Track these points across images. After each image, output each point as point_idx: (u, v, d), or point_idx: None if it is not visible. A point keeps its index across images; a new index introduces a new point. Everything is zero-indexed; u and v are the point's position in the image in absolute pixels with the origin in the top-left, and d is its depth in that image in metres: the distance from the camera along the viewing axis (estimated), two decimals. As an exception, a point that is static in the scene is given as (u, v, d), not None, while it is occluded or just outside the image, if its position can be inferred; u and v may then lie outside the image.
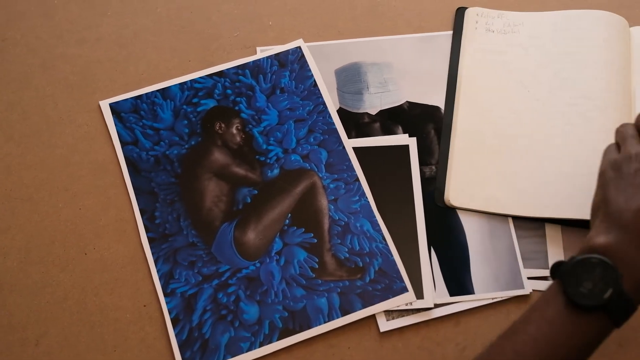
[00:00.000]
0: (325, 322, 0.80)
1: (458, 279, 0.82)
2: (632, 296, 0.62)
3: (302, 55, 0.95)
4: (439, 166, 0.88)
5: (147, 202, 0.86)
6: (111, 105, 0.92)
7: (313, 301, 0.81)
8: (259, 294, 0.81)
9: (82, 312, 0.81)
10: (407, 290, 0.81)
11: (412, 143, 0.89)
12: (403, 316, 0.80)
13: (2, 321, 0.80)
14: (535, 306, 0.66)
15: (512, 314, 0.80)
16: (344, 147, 0.89)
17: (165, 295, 0.81)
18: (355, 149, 0.89)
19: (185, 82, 0.93)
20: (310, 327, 0.79)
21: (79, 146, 0.90)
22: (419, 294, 0.81)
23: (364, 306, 0.80)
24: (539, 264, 0.83)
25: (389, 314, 0.80)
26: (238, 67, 0.94)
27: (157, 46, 0.97)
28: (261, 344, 0.79)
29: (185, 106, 0.92)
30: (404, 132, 0.90)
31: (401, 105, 0.92)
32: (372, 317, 0.80)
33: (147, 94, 0.93)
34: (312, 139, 0.90)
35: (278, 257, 0.83)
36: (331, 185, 0.87)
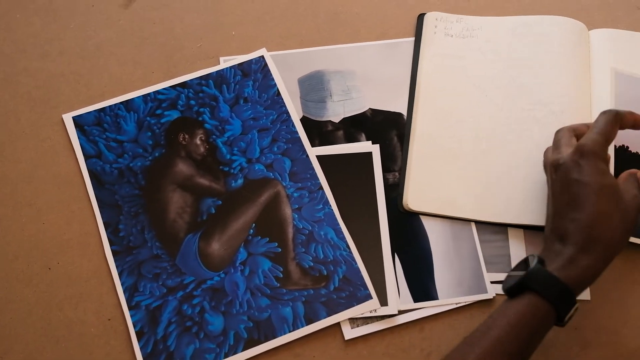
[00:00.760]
0: (290, 332, 0.80)
1: (422, 285, 0.82)
2: (558, 274, 0.67)
3: (265, 65, 0.95)
4: (401, 172, 0.88)
5: (111, 215, 0.86)
6: (74, 119, 0.92)
7: (278, 311, 0.81)
8: (223, 304, 0.81)
9: (47, 328, 0.81)
10: (372, 298, 0.81)
11: (375, 150, 0.90)
12: (368, 323, 0.81)
13: (-35, 339, 0.80)
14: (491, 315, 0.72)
15: (475, 318, 0.81)
16: (307, 156, 0.89)
17: (130, 308, 0.81)
18: (319, 157, 0.89)
19: (148, 94, 0.93)
20: (275, 337, 0.80)
21: (42, 160, 0.90)
22: (383, 301, 0.81)
23: (329, 314, 0.81)
24: (502, 268, 0.83)
25: (354, 321, 0.81)
26: (201, 77, 0.94)
27: (120, 58, 0.97)
28: (226, 355, 0.79)
29: (148, 118, 0.92)
30: (367, 140, 0.91)
31: (364, 112, 0.93)
32: (337, 325, 0.81)
33: (110, 106, 0.93)
34: (275, 148, 0.90)
35: (243, 267, 0.83)
36: (295, 194, 0.87)
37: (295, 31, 0.99)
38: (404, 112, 0.93)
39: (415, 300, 0.81)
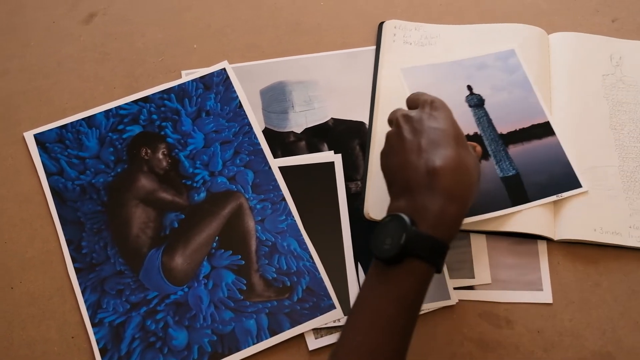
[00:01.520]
0: (254, 344, 0.80)
1: (385, 293, 0.82)
2: (433, 234, 0.65)
3: (227, 77, 0.95)
4: (362, 181, 0.88)
5: (73, 232, 0.86)
6: (36, 136, 0.92)
7: (242, 323, 0.81)
8: (187, 319, 0.81)
9: (10, 347, 0.80)
10: (335, 308, 0.81)
11: (337, 160, 0.90)
12: (331, 333, 0.81)
13: None
14: (363, 282, 0.71)
15: (439, 325, 0.81)
16: (270, 167, 0.89)
17: (93, 325, 0.81)
18: (282, 169, 0.89)
19: (110, 109, 0.93)
20: (239, 350, 0.80)
21: (3, 179, 0.90)
22: (347, 310, 0.81)
23: (292, 325, 0.81)
24: (464, 273, 0.84)
25: (318, 331, 0.81)
26: (163, 91, 0.95)
27: (81, 74, 0.97)
28: (190, 369, 0.79)
29: (110, 133, 0.92)
30: (330, 149, 0.91)
31: (326, 122, 0.93)
32: (301, 336, 0.81)
33: (72, 123, 0.92)
34: (238, 161, 0.90)
35: (206, 281, 0.83)
36: (258, 206, 0.87)
37: (256, 43, 0.99)
38: (366, 120, 0.93)
39: (379, 308, 0.81)
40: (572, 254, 0.85)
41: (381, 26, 1.00)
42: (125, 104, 0.94)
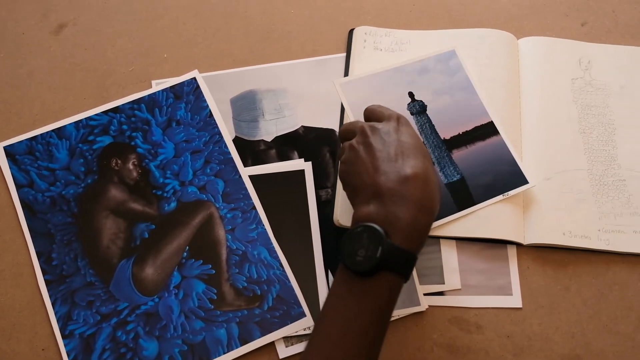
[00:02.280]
0: (224, 353, 0.80)
1: (355, 300, 0.82)
2: (405, 246, 0.65)
3: (198, 86, 0.96)
4: (333, 188, 0.89)
5: (43, 244, 0.86)
6: (5, 148, 0.91)
7: (212, 333, 0.81)
8: (158, 329, 0.81)
9: (-21, 361, 0.80)
10: (305, 315, 0.82)
11: (307, 167, 0.90)
12: (302, 341, 0.81)
13: None
14: (330, 290, 0.69)
15: (409, 330, 0.81)
16: (240, 176, 0.89)
17: (64, 337, 0.81)
18: (252, 177, 0.90)
19: (80, 120, 0.93)
20: (209, 359, 0.80)
21: (-27, 192, 0.89)
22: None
23: (263, 334, 0.81)
24: (434, 279, 0.84)
25: (288, 340, 0.81)
26: (133, 101, 0.95)
27: (51, 85, 0.97)
28: (160, 380, 0.79)
29: (80, 144, 0.92)
30: (300, 157, 0.91)
31: (297, 130, 0.93)
32: (272, 345, 0.81)
33: (42, 134, 0.92)
34: (208, 170, 0.90)
35: (177, 291, 0.83)
36: (228, 215, 0.87)
37: (227, 51, 0.99)
38: (337, 128, 0.93)
39: (349, 316, 0.82)
40: (541, 258, 0.85)
41: (351, 33, 1.00)
42: (96, 114, 0.94)
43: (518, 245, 0.86)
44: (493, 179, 0.87)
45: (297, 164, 0.90)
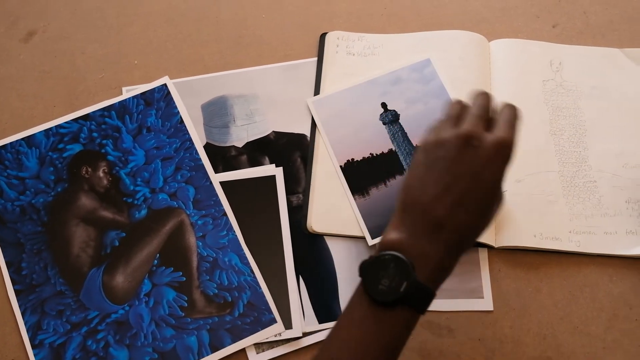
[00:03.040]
0: (195, 361, 0.80)
1: (327, 306, 0.83)
2: (428, 285, 0.62)
3: (168, 93, 0.95)
4: (304, 194, 0.89)
5: (13, 254, 0.85)
6: (-26, 158, 0.91)
7: (183, 340, 0.81)
8: (128, 337, 0.81)
9: (-52, 373, 0.80)
10: (276, 322, 0.81)
11: (278, 173, 0.90)
12: (273, 347, 0.81)
13: None
14: (345, 310, 0.65)
15: (380, 335, 0.81)
16: (211, 183, 0.89)
17: (34, 347, 0.81)
18: (223, 183, 0.89)
19: (50, 128, 0.93)
20: (180, 367, 0.79)
21: (-58, 202, 0.89)
22: (288, 324, 0.81)
23: (234, 341, 0.81)
24: (406, 283, 0.84)
25: (259, 346, 0.81)
26: (104, 109, 0.94)
27: (21, 93, 0.96)
28: (130, 389, 0.78)
29: (50, 153, 0.91)
30: (271, 163, 0.91)
31: (268, 135, 0.93)
32: (243, 351, 0.81)
33: (11, 143, 0.92)
34: (179, 177, 0.90)
35: (147, 299, 0.83)
36: (199, 222, 0.87)
37: (198, 57, 0.99)
38: (308, 133, 0.93)
39: (320, 321, 0.82)
40: (512, 261, 0.85)
41: (323, 37, 1.00)
42: (66, 122, 0.93)
43: (489, 248, 0.86)
44: (465, 183, 0.87)
45: (268, 169, 0.90)
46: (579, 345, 0.81)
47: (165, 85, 0.96)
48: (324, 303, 0.83)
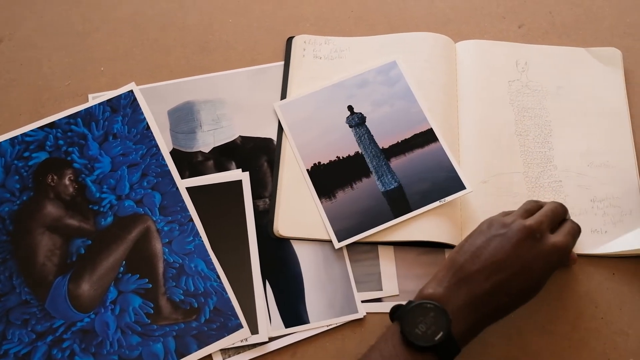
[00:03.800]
0: (161, 368, 0.80)
1: (293, 310, 0.83)
2: (458, 339, 0.68)
3: (135, 99, 0.95)
4: (271, 198, 0.89)
5: (-23, 264, 0.85)
6: (-61, 167, 0.90)
7: (149, 347, 0.81)
8: (94, 345, 0.81)
9: None
10: (242, 327, 0.81)
11: (245, 178, 0.90)
12: (239, 353, 0.81)
13: None
14: (375, 345, 0.70)
15: (347, 338, 0.81)
16: (177, 189, 0.89)
17: (-2, 357, 0.80)
18: (190, 189, 0.89)
19: (15, 137, 0.92)
20: (146, 374, 0.79)
21: None
22: (254, 329, 0.81)
23: (200, 347, 0.80)
24: (372, 286, 0.84)
25: (225, 352, 0.81)
26: (70, 116, 0.94)
27: (-14, 102, 0.96)
28: (96, 397, 0.78)
29: (16, 161, 0.91)
30: (238, 167, 0.91)
31: (234, 140, 0.93)
32: (209, 357, 0.81)
33: (-24, 152, 0.91)
34: (145, 183, 0.89)
35: (113, 307, 0.83)
36: (165, 228, 0.87)
37: (164, 63, 0.99)
38: (275, 137, 0.93)
39: (287, 325, 0.82)
40: (478, 261, 0.85)
41: (290, 41, 1.00)
42: (31, 130, 0.93)
43: (455, 249, 0.86)
44: (431, 185, 0.87)
45: (234, 174, 0.90)
46: (545, 344, 0.81)
47: (131, 91, 0.96)
48: (290, 307, 0.83)
